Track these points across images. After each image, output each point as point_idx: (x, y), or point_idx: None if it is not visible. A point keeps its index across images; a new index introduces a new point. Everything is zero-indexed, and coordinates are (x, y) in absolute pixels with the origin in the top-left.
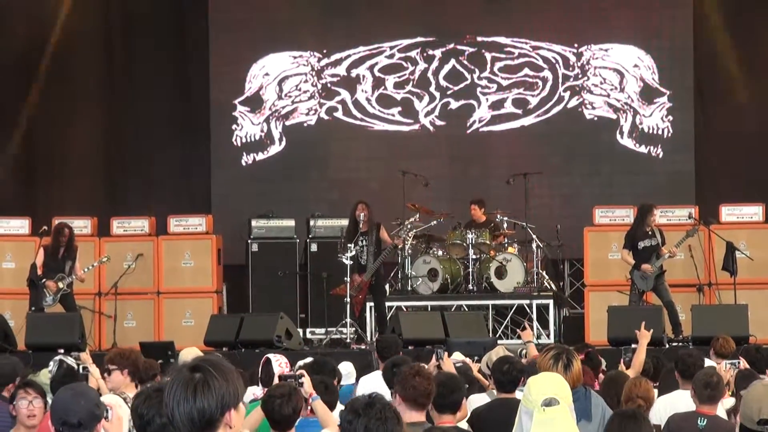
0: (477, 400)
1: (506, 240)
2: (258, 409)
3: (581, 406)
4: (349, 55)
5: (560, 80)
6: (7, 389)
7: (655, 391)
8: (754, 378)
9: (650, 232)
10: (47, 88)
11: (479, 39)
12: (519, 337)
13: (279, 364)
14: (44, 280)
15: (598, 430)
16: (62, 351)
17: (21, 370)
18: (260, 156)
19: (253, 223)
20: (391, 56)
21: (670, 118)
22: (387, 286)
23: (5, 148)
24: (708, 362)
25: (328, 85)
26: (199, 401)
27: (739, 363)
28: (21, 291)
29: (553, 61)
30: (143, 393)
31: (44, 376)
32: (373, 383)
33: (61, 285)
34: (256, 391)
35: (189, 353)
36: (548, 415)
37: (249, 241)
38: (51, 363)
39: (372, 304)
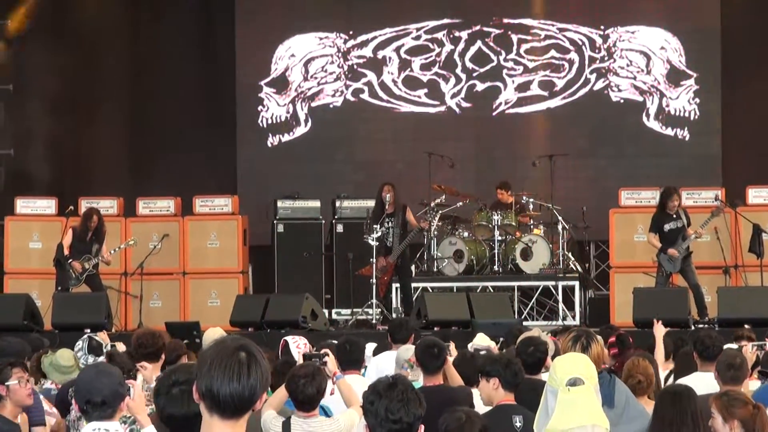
0: None
1: (532, 221)
2: (282, 389)
3: (605, 392)
4: (375, 37)
5: (587, 62)
6: None
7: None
8: None
9: (675, 215)
10: (72, 68)
11: (506, 21)
12: (545, 319)
13: (297, 345)
14: (71, 260)
15: (621, 417)
16: (88, 331)
17: None
18: (286, 137)
19: (279, 203)
20: (418, 38)
21: (697, 100)
22: (413, 267)
23: (32, 128)
24: (727, 345)
25: (355, 66)
26: (252, 379)
27: (765, 345)
28: (48, 271)
29: (580, 43)
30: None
31: (63, 359)
32: (384, 363)
33: (86, 265)
34: None
35: (213, 333)
36: (573, 394)
37: (275, 221)
38: (80, 341)
39: (398, 285)
